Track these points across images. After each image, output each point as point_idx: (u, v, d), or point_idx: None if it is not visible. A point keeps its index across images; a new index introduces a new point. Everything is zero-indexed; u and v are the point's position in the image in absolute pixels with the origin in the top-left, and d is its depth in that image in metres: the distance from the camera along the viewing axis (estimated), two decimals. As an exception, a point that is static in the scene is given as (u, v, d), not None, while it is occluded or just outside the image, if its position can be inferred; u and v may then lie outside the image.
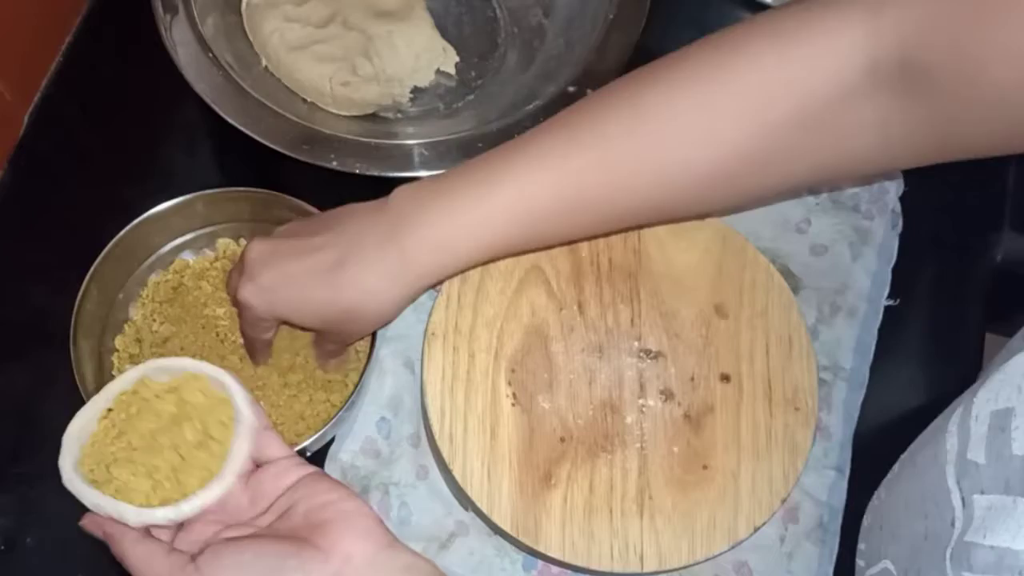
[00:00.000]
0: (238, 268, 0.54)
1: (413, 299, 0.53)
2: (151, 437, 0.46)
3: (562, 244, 0.58)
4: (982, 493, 0.43)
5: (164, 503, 0.45)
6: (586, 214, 0.51)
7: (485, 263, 0.55)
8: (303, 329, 0.58)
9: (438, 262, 0.51)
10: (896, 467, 0.55)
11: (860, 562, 0.56)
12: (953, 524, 0.44)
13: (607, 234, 0.58)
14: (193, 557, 0.44)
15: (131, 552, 0.45)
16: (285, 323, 0.55)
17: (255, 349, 0.59)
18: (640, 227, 0.61)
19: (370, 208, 0.53)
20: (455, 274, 0.54)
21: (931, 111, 0.44)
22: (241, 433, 0.46)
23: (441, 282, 0.57)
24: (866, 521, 0.57)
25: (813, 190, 0.67)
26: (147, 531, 0.45)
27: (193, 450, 0.46)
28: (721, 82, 0.47)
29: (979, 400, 0.46)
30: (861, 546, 0.57)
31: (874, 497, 0.57)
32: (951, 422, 0.47)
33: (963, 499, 0.44)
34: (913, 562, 0.48)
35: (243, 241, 0.63)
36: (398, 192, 0.52)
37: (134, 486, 0.46)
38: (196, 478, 0.46)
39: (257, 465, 0.47)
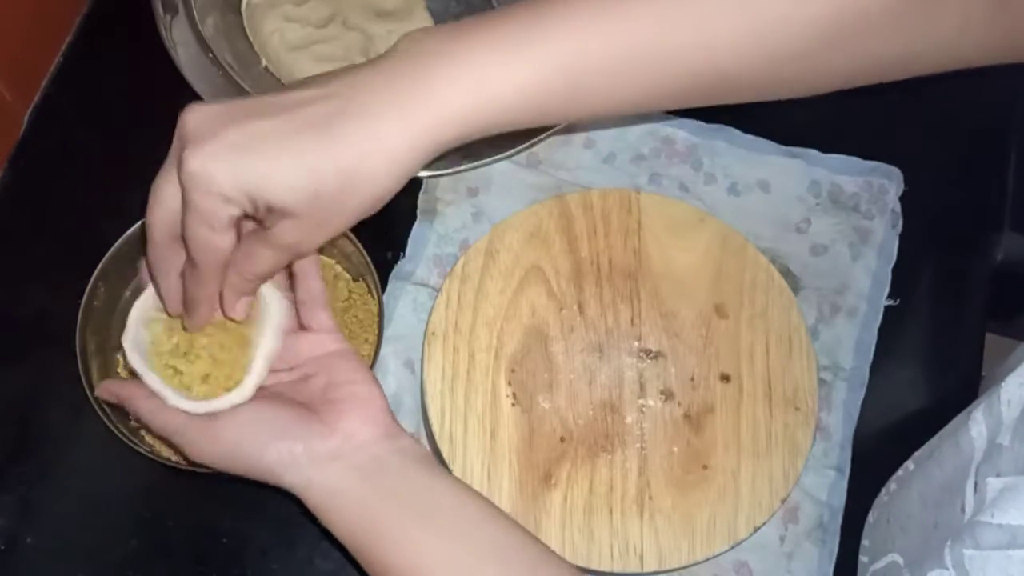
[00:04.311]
0: (173, 153, 0.42)
1: (428, 158, 0.42)
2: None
3: (594, 114, 0.47)
4: (998, 475, 0.43)
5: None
6: (635, 77, 0.44)
7: (511, 125, 0.43)
8: (267, 214, 0.42)
9: (471, 105, 0.41)
10: (910, 464, 0.55)
11: (863, 558, 0.56)
12: (963, 510, 0.44)
13: (641, 111, 0.51)
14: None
15: (145, 407, 0.48)
16: (252, 207, 0.41)
17: (201, 279, 0.44)
18: (679, 106, 0.48)
19: (369, 61, 0.43)
20: (478, 134, 0.43)
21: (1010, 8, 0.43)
22: (267, 332, 0.48)
23: (458, 142, 0.43)
24: (871, 518, 0.57)
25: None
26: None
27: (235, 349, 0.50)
28: None
29: (1010, 385, 0.45)
30: (865, 542, 0.57)
31: (881, 494, 0.57)
32: (977, 412, 0.47)
33: (976, 484, 0.44)
34: (921, 551, 0.48)
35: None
36: (407, 36, 0.43)
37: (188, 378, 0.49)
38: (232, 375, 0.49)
39: (303, 327, 0.50)
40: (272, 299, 0.49)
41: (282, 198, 0.40)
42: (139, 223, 0.58)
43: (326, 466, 0.45)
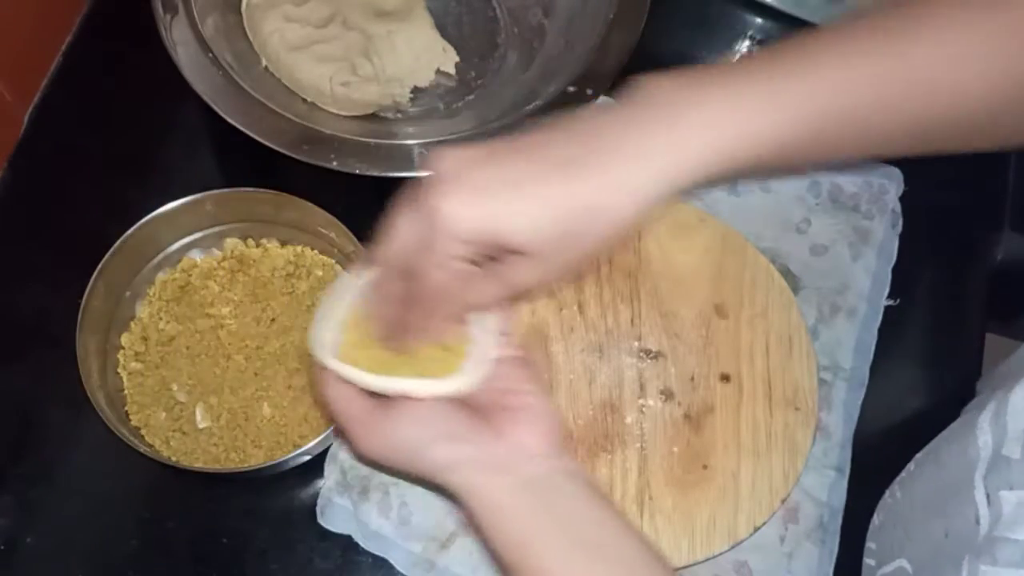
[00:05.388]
0: (415, 199, 0.42)
1: (663, 200, 0.42)
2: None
3: (830, 159, 0.48)
4: (1011, 489, 0.43)
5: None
6: (879, 123, 0.44)
7: (750, 171, 0.44)
8: (509, 253, 0.43)
9: (712, 153, 0.42)
10: (911, 466, 0.55)
11: (869, 561, 0.56)
12: (978, 521, 0.44)
13: (874, 155, 0.51)
14: (378, 400, 0.46)
15: (328, 389, 0.47)
16: (490, 248, 0.42)
17: (422, 311, 0.45)
18: (887, 154, 0.51)
19: (606, 106, 0.44)
20: (717, 179, 0.43)
21: None
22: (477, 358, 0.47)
23: (696, 186, 0.43)
24: (876, 520, 0.57)
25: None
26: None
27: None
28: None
29: (1017, 397, 0.45)
30: (871, 545, 0.57)
31: (886, 496, 0.57)
32: (982, 419, 0.47)
33: (988, 496, 0.44)
34: (932, 560, 0.48)
35: (251, 241, 0.63)
36: (648, 81, 0.43)
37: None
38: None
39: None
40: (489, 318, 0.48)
41: (525, 239, 0.41)
42: (139, 223, 0.58)
43: (492, 476, 0.45)
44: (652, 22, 0.67)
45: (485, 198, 0.40)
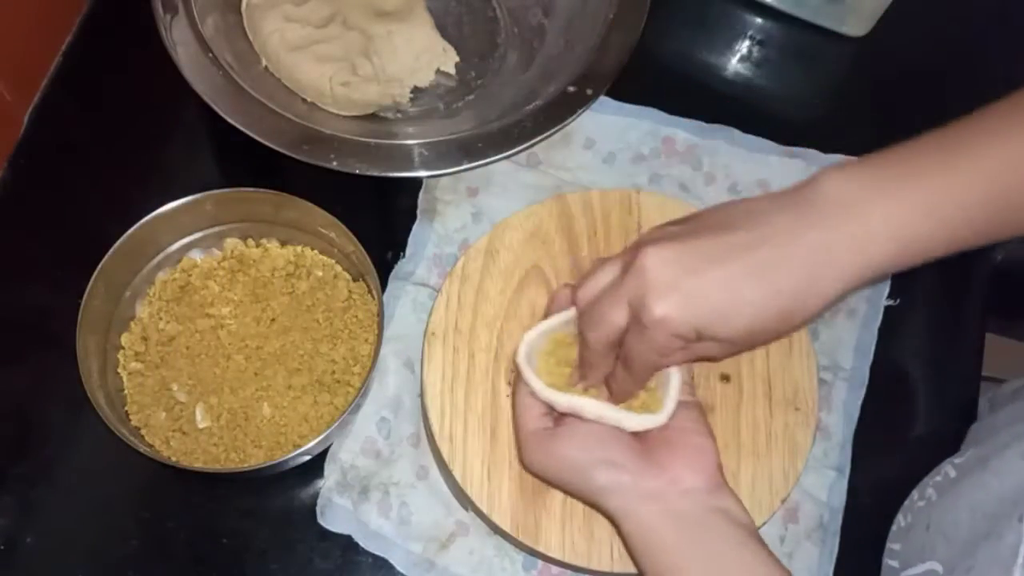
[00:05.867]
0: (618, 291, 0.47)
1: (848, 293, 0.47)
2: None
3: (1007, 238, 0.49)
4: None
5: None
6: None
7: (930, 258, 0.47)
8: (710, 342, 0.47)
9: (897, 250, 0.45)
10: (951, 471, 0.55)
11: (892, 562, 0.56)
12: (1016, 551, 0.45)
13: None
14: (557, 420, 0.51)
15: (520, 397, 0.52)
16: (694, 342, 0.47)
17: (631, 382, 0.51)
18: None
19: (790, 198, 0.47)
20: (897, 270, 0.46)
21: None
22: (671, 394, 0.51)
23: (877, 277, 0.47)
24: (902, 521, 0.57)
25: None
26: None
27: None
28: None
29: None
30: (894, 546, 0.57)
31: (914, 498, 0.57)
32: None
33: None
34: (969, 562, 0.48)
35: (251, 241, 0.63)
36: (828, 176, 0.46)
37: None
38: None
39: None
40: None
41: (727, 337, 0.46)
42: (139, 223, 0.58)
43: (647, 503, 0.48)
44: (652, 22, 0.67)
45: (700, 306, 0.45)
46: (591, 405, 0.50)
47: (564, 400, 0.50)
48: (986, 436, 0.56)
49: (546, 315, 0.55)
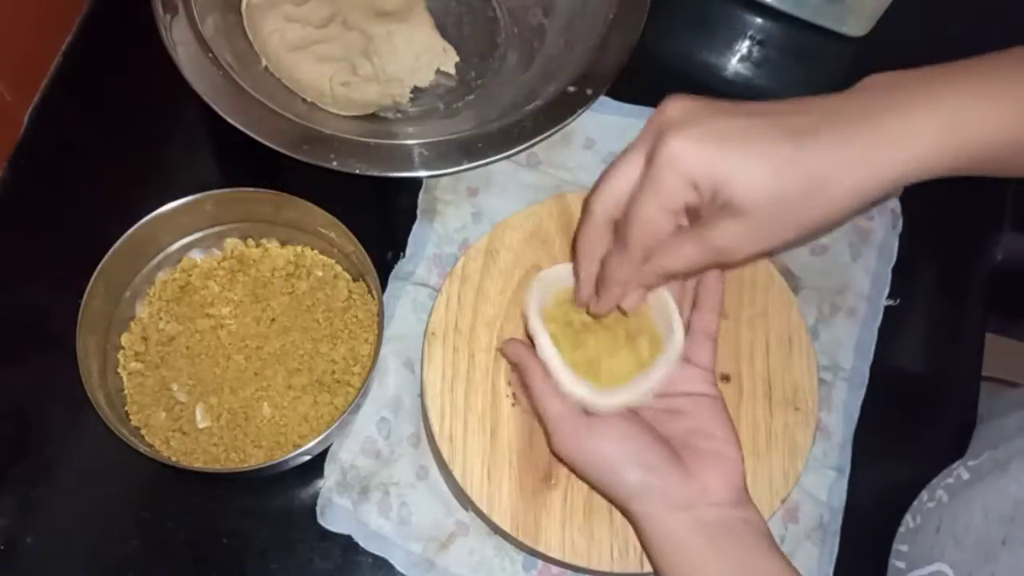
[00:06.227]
0: (643, 138, 0.44)
1: (889, 190, 0.44)
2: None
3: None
4: None
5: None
6: None
7: (975, 169, 0.44)
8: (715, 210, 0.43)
9: (939, 146, 0.42)
10: (963, 472, 0.55)
11: (899, 563, 0.56)
12: None
13: None
14: (585, 411, 0.49)
15: (535, 385, 0.51)
16: (706, 196, 0.42)
17: (626, 261, 0.46)
18: None
19: (840, 94, 0.44)
20: (941, 174, 0.43)
21: None
22: (670, 356, 0.51)
23: (924, 180, 0.43)
24: (910, 523, 0.57)
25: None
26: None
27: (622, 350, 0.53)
28: None
29: None
30: (901, 547, 0.56)
31: (923, 499, 0.57)
32: None
33: None
34: (989, 568, 0.48)
35: (251, 241, 0.63)
36: (876, 76, 0.44)
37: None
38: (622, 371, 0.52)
39: (684, 358, 0.52)
40: (677, 328, 0.51)
41: (744, 191, 0.41)
42: (139, 223, 0.58)
43: (675, 511, 0.47)
44: (652, 22, 0.67)
45: (716, 142, 0.41)
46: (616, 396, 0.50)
47: (604, 402, 0.50)
48: (1001, 440, 0.56)
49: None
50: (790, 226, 0.42)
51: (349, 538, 0.58)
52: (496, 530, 0.56)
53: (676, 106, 0.43)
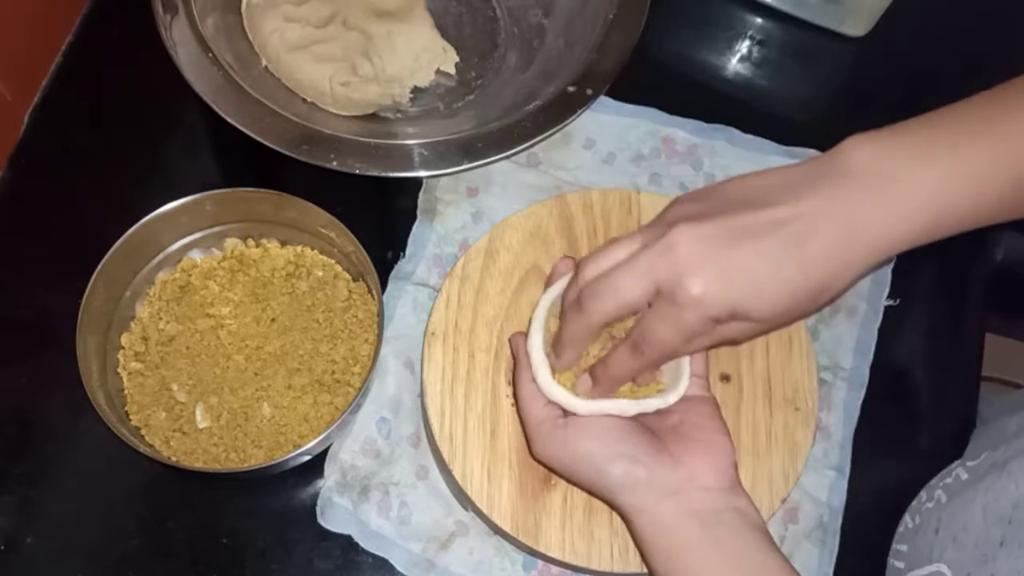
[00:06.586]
0: (639, 266, 0.45)
1: (877, 265, 0.46)
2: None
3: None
4: None
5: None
6: None
7: (958, 231, 0.45)
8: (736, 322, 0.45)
9: (928, 222, 0.44)
10: (961, 472, 0.55)
11: (898, 564, 0.56)
12: None
13: None
14: (565, 413, 0.50)
15: (522, 385, 0.51)
16: (724, 323, 0.45)
17: (638, 367, 0.48)
18: None
19: (818, 169, 0.45)
20: (926, 241, 0.45)
21: None
22: (668, 399, 0.50)
23: (901, 249, 0.45)
24: (909, 523, 0.57)
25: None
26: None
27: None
28: None
29: None
30: (900, 547, 0.56)
31: (922, 499, 0.57)
32: None
33: None
34: (988, 569, 0.48)
35: (251, 241, 0.63)
36: (856, 144, 0.45)
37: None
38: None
39: None
40: (684, 375, 0.51)
41: (762, 316, 0.45)
42: (139, 223, 0.58)
43: (663, 499, 0.47)
44: (652, 22, 0.67)
45: (735, 283, 0.43)
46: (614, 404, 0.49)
47: (584, 407, 0.49)
48: (1001, 440, 0.56)
49: (547, 288, 0.55)
50: (795, 318, 0.46)
51: (349, 538, 0.58)
52: (496, 530, 0.56)
53: (686, 241, 0.44)
